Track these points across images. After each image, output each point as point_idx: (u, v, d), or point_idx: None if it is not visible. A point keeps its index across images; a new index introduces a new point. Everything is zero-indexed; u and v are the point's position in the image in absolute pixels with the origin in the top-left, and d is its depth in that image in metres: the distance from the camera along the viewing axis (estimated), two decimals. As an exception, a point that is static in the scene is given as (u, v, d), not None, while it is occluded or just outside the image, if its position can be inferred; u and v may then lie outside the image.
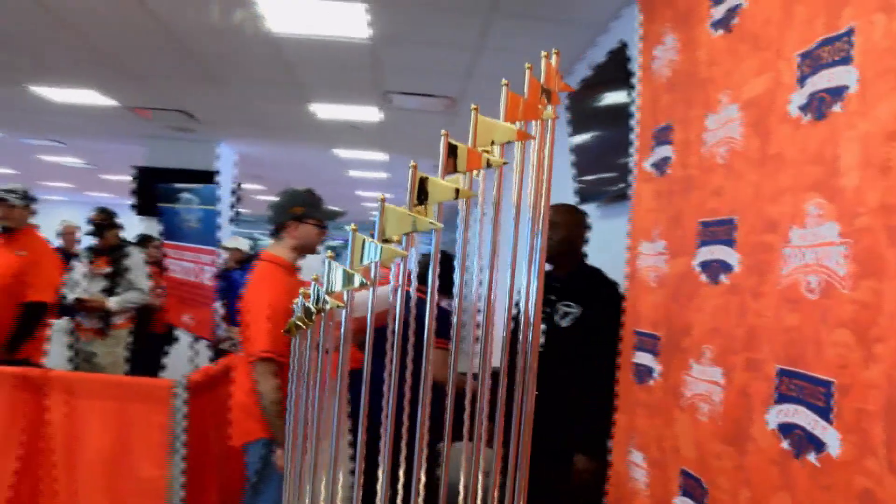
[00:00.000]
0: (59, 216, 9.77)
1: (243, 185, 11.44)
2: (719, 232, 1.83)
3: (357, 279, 0.99)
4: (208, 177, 8.42)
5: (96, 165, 12.70)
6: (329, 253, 1.10)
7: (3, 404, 3.47)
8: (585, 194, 4.00)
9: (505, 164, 1.01)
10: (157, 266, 5.97)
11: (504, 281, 1.14)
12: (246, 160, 10.45)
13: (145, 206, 8.24)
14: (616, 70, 3.45)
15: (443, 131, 0.96)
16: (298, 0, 3.91)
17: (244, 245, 6.63)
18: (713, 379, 1.81)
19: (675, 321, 2.07)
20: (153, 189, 6.18)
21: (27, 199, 4.29)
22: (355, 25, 4.24)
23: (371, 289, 0.98)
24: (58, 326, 5.18)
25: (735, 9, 1.84)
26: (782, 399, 1.52)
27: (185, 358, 5.99)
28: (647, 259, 2.33)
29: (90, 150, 10.84)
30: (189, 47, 4.92)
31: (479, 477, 1.10)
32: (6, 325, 4.11)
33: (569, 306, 2.88)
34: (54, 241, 6.39)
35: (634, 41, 2.85)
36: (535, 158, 1.12)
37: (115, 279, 5.08)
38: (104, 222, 5.15)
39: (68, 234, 7.50)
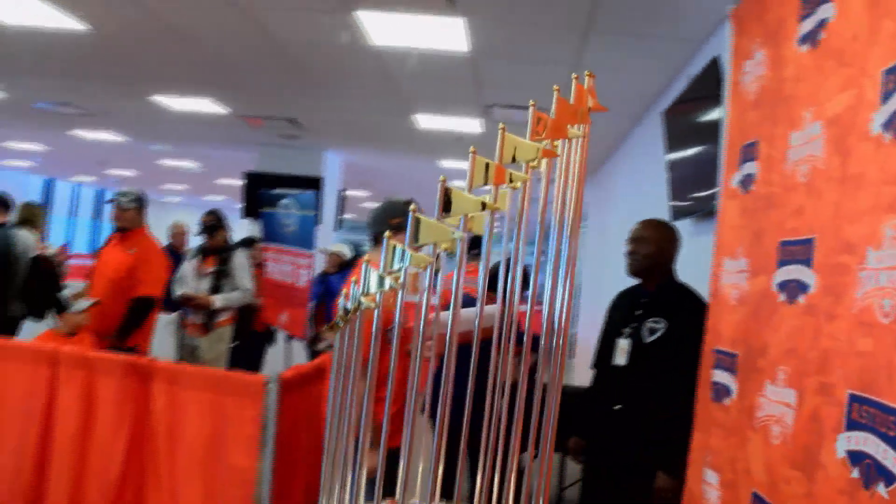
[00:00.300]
0: (176, 216, 10.35)
1: (350, 192, 11.76)
2: (798, 251, 1.79)
3: (388, 282, 1.04)
4: (314, 183, 8.72)
5: (210, 169, 13.37)
6: (367, 257, 1.16)
7: (114, 387, 3.73)
8: (679, 210, 3.94)
9: (528, 179, 1.04)
10: (259, 267, 6.24)
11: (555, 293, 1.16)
12: (352, 168, 10.75)
13: (252, 209, 8.62)
14: (710, 86, 3.39)
15: (471, 148, 1.00)
16: (398, 14, 4.03)
17: (344, 250, 6.83)
18: (786, 401, 1.77)
19: (752, 340, 2.02)
20: (258, 194, 6.45)
21: (139, 202, 4.59)
22: (454, 39, 4.33)
23: (400, 291, 1.03)
24: (165, 320, 5.50)
25: (822, 23, 1.80)
26: (852, 426, 1.48)
27: (283, 356, 6.23)
28: (729, 276, 2.29)
29: (204, 155, 11.44)
30: (296, 59, 5.15)
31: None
32: (118, 316, 4.41)
33: (656, 322, 2.86)
34: (164, 240, 6.77)
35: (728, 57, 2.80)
36: (562, 176, 1.14)
37: (221, 278, 5.33)
38: (214, 223, 5.41)
39: (177, 233, 7.91)
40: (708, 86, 3.42)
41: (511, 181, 1.03)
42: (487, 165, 1.01)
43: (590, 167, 9.02)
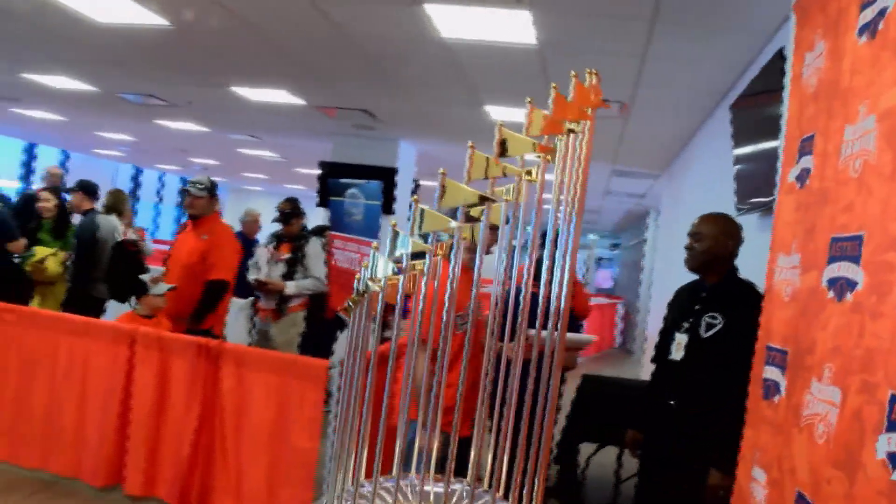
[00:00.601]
0: (256, 204, 10.66)
1: (425, 183, 11.85)
2: (847, 248, 1.75)
3: (391, 266, 1.09)
4: (388, 173, 8.83)
5: (287, 159, 13.69)
6: (375, 244, 1.22)
7: (186, 366, 3.91)
8: (745, 205, 3.86)
9: (526, 172, 1.07)
10: (327, 255, 6.38)
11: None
12: (427, 158, 10.83)
13: (325, 198, 8.79)
14: (774, 78, 3.31)
15: (469, 143, 1.04)
16: (465, 7, 4.06)
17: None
18: (831, 399, 1.74)
19: (802, 337, 1.99)
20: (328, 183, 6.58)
21: (210, 190, 4.76)
22: (521, 31, 4.34)
23: (401, 276, 1.08)
24: (238, 305, 5.69)
25: (882, 13, 1.75)
26: (893, 427, 1.45)
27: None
28: (783, 272, 2.25)
29: (282, 144, 11.72)
30: (366, 52, 5.24)
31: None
32: (193, 299, 4.60)
33: (713, 317, 2.83)
34: (237, 226, 6.99)
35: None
36: (560, 169, 1.17)
37: (294, 265, 5.47)
38: (289, 211, 5.56)
39: (249, 220, 8.13)
40: (773, 78, 3.34)
41: (504, 174, 1.07)
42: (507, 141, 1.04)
43: (661, 162, 8.92)
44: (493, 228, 3.27)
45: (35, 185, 11.84)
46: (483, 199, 1.03)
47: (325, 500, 1.21)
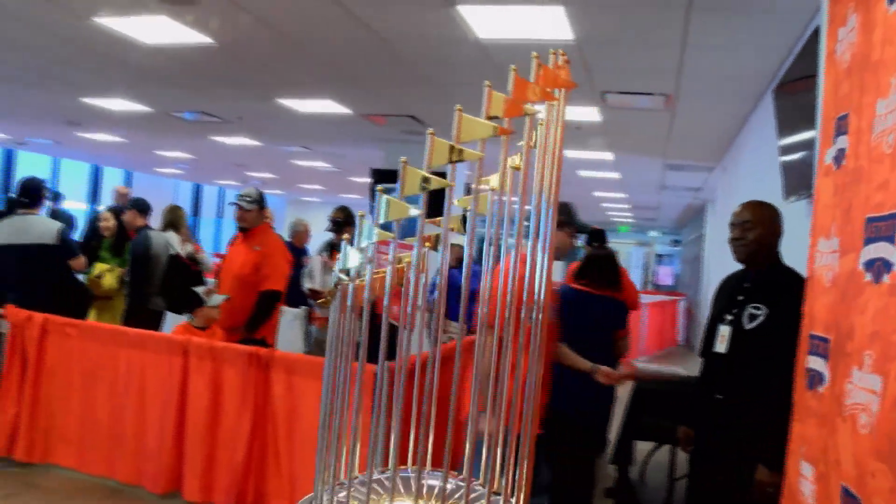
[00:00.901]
0: (314, 215, 10.81)
1: (484, 187, 11.83)
2: (883, 228, 1.68)
3: (359, 258, 1.09)
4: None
5: (341, 169, 13.84)
6: (347, 236, 1.21)
7: (238, 375, 3.98)
8: (791, 191, 3.74)
9: (481, 157, 1.05)
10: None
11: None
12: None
13: (378, 205, 8.83)
14: (813, 61, 3.18)
15: (429, 131, 1.02)
16: (497, 6, 4.05)
17: (464, 242, 6.84)
18: (872, 388, 1.66)
19: (842, 324, 1.91)
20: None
21: (258, 202, 4.83)
22: (556, 27, 4.30)
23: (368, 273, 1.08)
24: (293, 314, 5.76)
25: (911, -19, 1.68)
26: (933, 412, 1.38)
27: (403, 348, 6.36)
28: (823, 257, 2.17)
29: (334, 154, 11.86)
30: (403, 56, 5.26)
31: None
32: (246, 310, 4.68)
33: (756, 308, 2.74)
34: (287, 236, 7.07)
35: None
36: (523, 155, 1.14)
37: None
38: (342, 220, 5.59)
39: (298, 231, 8.22)
40: (812, 61, 3.22)
41: (462, 159, 1.05)
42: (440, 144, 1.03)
43: (714, 153, 8.71)
44: (571, 235, 3.28)
45: (102, 206, 12.25)
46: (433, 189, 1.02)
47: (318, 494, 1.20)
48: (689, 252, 18.59)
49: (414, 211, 1.04)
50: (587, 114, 6.92)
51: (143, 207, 5.55)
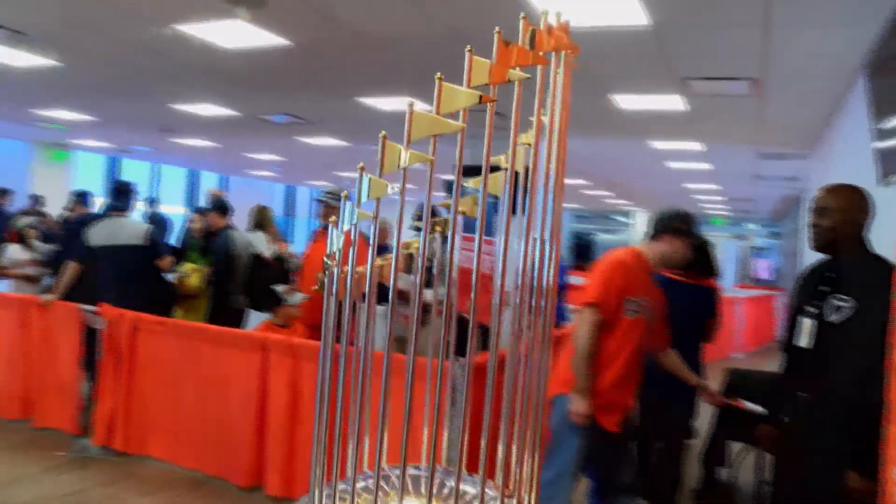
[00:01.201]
0: (406, 213, 10.90)
1: (568, 181, 11.69)
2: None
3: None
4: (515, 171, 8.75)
5: (425, 166, 13.91)
6: (333, 219, 1.21)
7: (316, 372, 4.02)
8: (887, 174, 3.50)
9: (463, 127, 1.00)
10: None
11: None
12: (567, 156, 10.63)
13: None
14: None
15: (409, 101, 0.98)
16: (568, -7, 3.96)
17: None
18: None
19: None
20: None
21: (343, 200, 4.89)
22: (630, 12, 4.17)
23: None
24: (378, 311, 5.81)
25: None
26: None
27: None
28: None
29: (421, 151, 11.91)
30: (480, 51, 5.21)
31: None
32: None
33: (841, 300, 2.56)
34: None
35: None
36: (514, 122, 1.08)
37: (431, 272, 5.50)
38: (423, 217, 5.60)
39: (381, 228, 8.29)
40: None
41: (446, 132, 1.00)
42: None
43: (808, 140, 8.29)
44: (687, 245, 3.21)
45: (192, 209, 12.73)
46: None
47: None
48: (788, 245, 17.83)
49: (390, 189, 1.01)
50: (670, 102, 6.71)
51: (223, 209, 5.71)
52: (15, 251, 6.42)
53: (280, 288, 5.01)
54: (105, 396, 4.74)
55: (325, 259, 1.20)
